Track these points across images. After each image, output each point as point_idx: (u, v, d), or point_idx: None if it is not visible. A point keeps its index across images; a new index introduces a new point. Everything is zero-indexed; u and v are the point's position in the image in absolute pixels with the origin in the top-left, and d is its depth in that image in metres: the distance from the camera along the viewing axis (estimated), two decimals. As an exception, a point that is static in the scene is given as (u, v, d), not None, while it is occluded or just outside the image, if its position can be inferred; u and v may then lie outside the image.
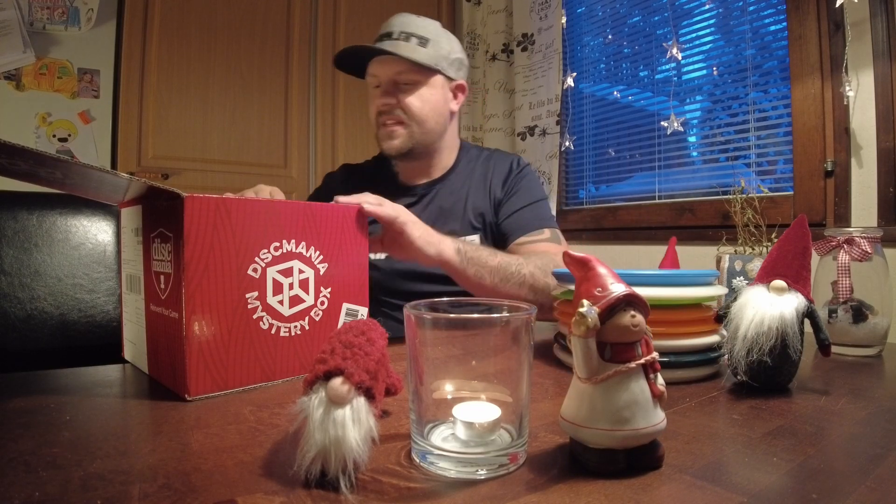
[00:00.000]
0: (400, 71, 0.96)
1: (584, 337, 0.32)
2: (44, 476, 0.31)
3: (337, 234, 0.60)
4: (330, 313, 0.59)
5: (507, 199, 1.03)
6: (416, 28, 0.97)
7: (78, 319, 0.83)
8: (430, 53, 0.97)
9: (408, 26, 0.97)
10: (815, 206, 1.35)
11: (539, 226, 0.99)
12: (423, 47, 0.96)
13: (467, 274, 0.78)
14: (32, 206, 0.85)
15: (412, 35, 0.96)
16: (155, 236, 0.54)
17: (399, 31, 0.96)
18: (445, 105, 1.02)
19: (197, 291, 0.49)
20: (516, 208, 1.01)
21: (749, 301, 0.52)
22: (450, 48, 1.01)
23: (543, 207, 1.04)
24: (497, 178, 1.06)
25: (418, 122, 0.98)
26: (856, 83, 1.27)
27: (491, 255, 0.81)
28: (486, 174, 1.07)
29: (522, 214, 1.01)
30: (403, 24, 0.97)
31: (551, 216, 1.05)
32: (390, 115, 0.98)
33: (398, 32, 0.96)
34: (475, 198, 1.04)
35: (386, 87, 0.97)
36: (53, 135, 1.79)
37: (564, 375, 0.58)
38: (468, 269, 0.77)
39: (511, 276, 0.81)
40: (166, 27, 1.96)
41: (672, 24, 1.75)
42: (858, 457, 0.36)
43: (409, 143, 0.99)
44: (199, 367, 0.49)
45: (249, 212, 0.52)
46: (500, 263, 0.81)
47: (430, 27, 0.99)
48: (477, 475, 0.32)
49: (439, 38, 0.99)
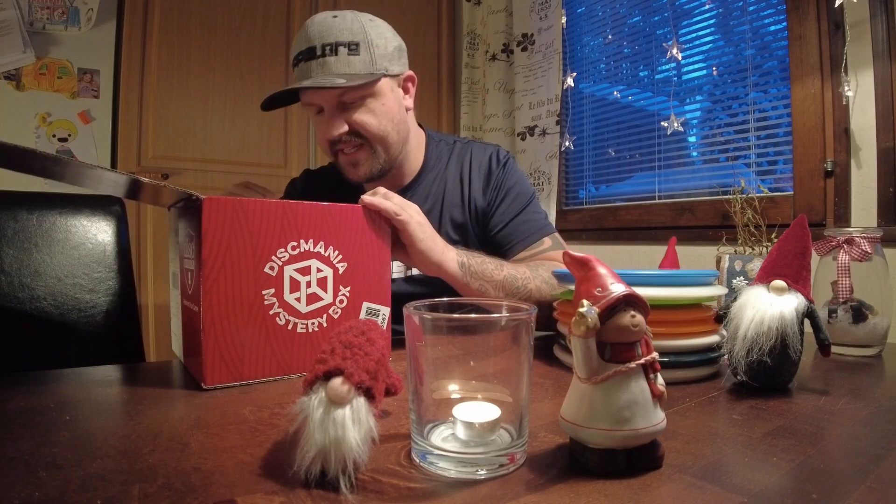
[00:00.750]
0: (340, 93, 0.82)
1: (584, 337, 0.32)
2: (44, 476, 0.31)
3: (357, 234, 0.61)
4: (349, 312, 0.60)
5: (496, 206, 0.94)
6: (339, 34, 0.81)
7: (78, 319, 0.83)
8: (366, 59, 0.82)
9: (329, 35, 0.81)
10: (815, 206, 1.35)
11: (538, 236, 0.93)
12: (356, 54, 0.82)
13: (470, 288, 0.74)
14: (32, 206, 0.85)
15: (338, 44, 0.81)
16: (185, 236, 0.57)
17: (321, 43, 0.81)
18: (400, 108, 0.90)
19: (214, 287, 0.51)
20: (509, 218, 0.94)
21: (749, 301, 0.52)
22: (383, 41, 0.85)
23: (536, 210, 0.96)
24: (476, 178, 0.96)
25: (379, 140, 0.87)
26: (855, 83, 1.27)
27: (497, 267, 0.76)
28: (461, 172, 0.97)
29: (517, 226, 0.94)
30: (323, 34, 0.81)
31: (546, 219, 0.97)
32: (346, 142, 0.86)
33: (321, 46, 0.81)
34: (451, 205, 0.95)
35: (330, 111, 0.84)
36: (53, 135, 1.79)
37: (564, 375, 0.58)
38: (472, 283, 0.74)
39: (517, 292, 0.77)
40: (166, 27, 1.96)
41: (672, 24, 1.75)
42: (858, 457, 0.36)
43: (376, 166, 0.89)
44: (216, 359, 0.51)
45: (266, 212, 0.54)
46: (505, 277, 0.76)
47: (352, 26, 0.82)
48: (477, 475, 0.32)
49: (368, 35, 0.83)
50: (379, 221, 0.63)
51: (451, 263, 0.72)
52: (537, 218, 0.96)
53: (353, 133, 0.86)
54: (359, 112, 0.85)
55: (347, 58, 0.81)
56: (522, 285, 0.78)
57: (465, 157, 0.99)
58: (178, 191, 0.53)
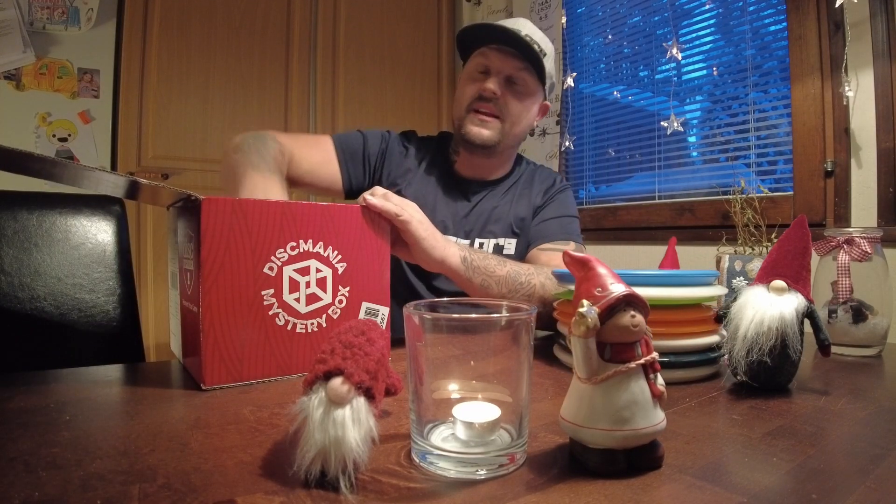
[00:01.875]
0: (521, 68, 0.95)
1: (584, 337, 0.32)
2: (44, 476, 0.31)
3: (356, 234, 0.61)
4: (349, 312, 0.60)
5: (543, 208, 1.05)
6: (540, 39, 0.97)
7: (78, 319, 0.83)
8: (546, 67, 0.97)
9: (535, 33, 0.97)
10: (815, 206, 1.35)
11: (565, 238, 1.00)
12: (543, 58, 0.96)
13: (473, 283, 0.75)
14: (32, 206, 0.85)
15: (536, 43, 0.95)
16: (184, 236, 0.57)
17: (526, 33, 0.94)
18: (533, 117, 1.04)
19: (213, 288, 0.51)
20: (548, 217, 1.02)
21: (749, 301, 0.52)
22: (553, 70, 1.02)
23: (574, 224, 1.05)
24: (538, 189, 1.07)
25: (512, 123, 0.98)
26: (855, 83, 1.27)
27: (499, 264, 0.78)
28: (531, 184, 1.08)
29: (551, 224, 1.01)
30: (531, 30, 0.97)
31: (579, 234, 1.05)
32: (490, 103, 0.96)
33: (525, 34, 0.94)
34: (518, 206, 1.05)
35: (497, 79, 0.96)
36: (53, 135, 1.79)
37: (564, 375, 0.58)
38: (474, 279, 0.75)
39: (520, 287, 0.78)
40: (166, 27, 1.96)
41: (672, 24, 1.75)
42: (858, 457, 0.36)
43: (497, 137, 0.98)
44: (215, 359, 0.51)
45: (265, 213, 0.54)
46: (508, 273, 0.77)
47: (549, 45, 0.99)
48: (477, 475, 0.32)
49: (551, 57, 1.00)
50: (378, 221, 0.63)
51: (454, 259, 0.73)
52: (571, 228, 1.04)
53: (500, 103, 0.96)
54: (514, 94, 0.97)
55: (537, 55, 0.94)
56: (526, 281, 0.78)
57: (536, 175, 1.11)
58: (176, 191, 0.52)
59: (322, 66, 2.29)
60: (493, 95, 0.95)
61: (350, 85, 2.34)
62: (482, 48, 0.98)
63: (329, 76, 2.30)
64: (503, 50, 0.95)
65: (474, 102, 0.97)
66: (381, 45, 2.42)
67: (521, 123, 1.00)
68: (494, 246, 1.02)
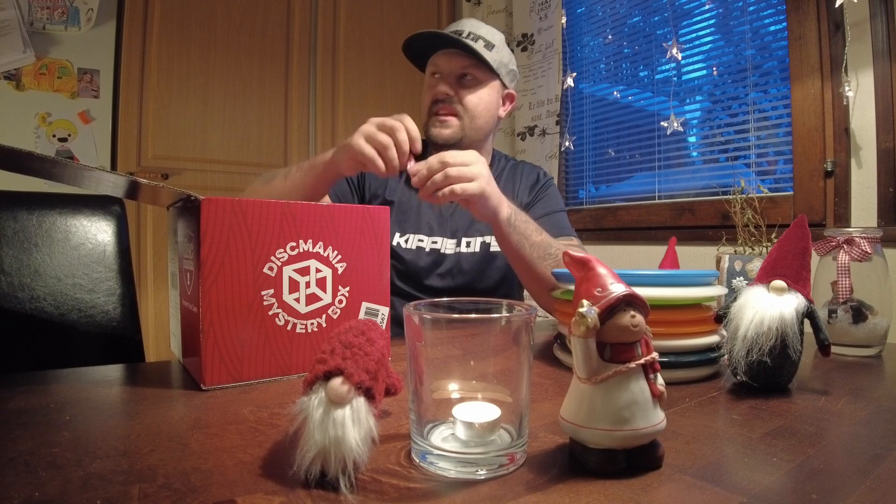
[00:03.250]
0: (466, 66, 1.01)
1: (584, 337, 0.32)
2: (44, 476, 0.31)
3: (356, 234, 0.61)
4: (348, 312, 0.60)
5: (532, 205, 1.08)
6: (484, 33, 1.02)
7: (78, 319, 0.83)
8: (494, 57, 1.01)
9: (478, 29, 1.02)
10: (814, 206, 1.35)
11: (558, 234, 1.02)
12: (489, 51, 1.00)
13: (510, 239, 0.82)
14: (32, 206, 0.85)
15: (480, 38, 1.01)
16: (184, 236, 0.57)
17: (469, 31, 1.01)
18: (496, 108, 1.08)
19: (213, 288, 0.51)
20: (539, 215, 1.04)
21: (749, 301, 0.52)
22: (509, 58, 1.07)
23: (565, 218, 1.09)
24: (524, 185, 1.11)
25: (471, 117, 1.03)
26: (855, 83, 1.27)
27: (537, 231, 0.85)
28: (514, 182, 1.11)
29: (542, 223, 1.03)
30: (474, 27, 1.03)
31: (571, 227, 1.09)
32: (447, 104, 1.02)
33: (468, 32, 1.01)
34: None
35: (447, 79, 1.02)
36: (53, 135, 1.79)
37: (564, 375, 0.58)
38: (512, 236, 0.81)
39: (549, 255, 0.84)
40: (166, 27, 1.96)
41: (672, 24, 1.75)
42: (858, 457, 0.36)
43: (459, 134, 1.03)
44: (215, 359, 0.51)
45: (265, 213, 0.54)
46: (542, 241, 0.84)
47: (495, 35, 1.04)
48: (477, 475, 0.32)
49: (502, 47, 1.04)
50: (378, 221, 0.63)
51: (504, 213, 0.80)
52: (563, 223, 1.08)
53: (455, 101, 1.02)
54: (468, 90, 1.02)
55: (483, 49, 1.00)
56: (556, 252, 0.85)
57: (517, 172, 1.14)
58: (176, 191, 0.52)
59: (322, 66, 2.29)
60: (445, 96, 1.01)
61: (350, 84, 2.34)
62: (431, 57, 1.05)
63: (329, 76, 2.30)
64: (448, 52, 1.02)
65: (433, 106, 1.04)
66: (381, 44, 2.42)
67: (481, 115, 1.04)
68: (482, 244, 1.05)
